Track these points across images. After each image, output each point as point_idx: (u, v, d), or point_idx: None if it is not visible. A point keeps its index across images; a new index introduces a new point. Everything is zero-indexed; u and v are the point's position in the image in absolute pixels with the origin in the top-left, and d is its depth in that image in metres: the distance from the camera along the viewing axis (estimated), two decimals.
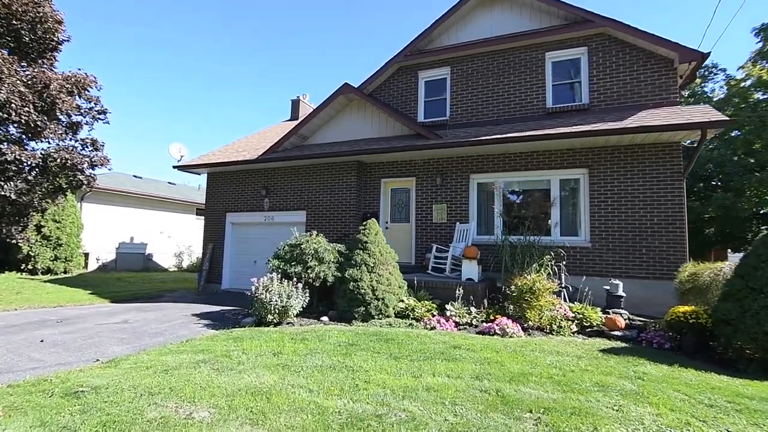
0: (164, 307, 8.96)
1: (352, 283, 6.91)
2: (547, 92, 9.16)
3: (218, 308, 8.74)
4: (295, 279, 6.97)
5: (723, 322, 5.33)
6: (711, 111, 7.41)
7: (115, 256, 17.58)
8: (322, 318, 7.01)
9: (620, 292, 7.24)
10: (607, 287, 7.52)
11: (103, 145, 10.57)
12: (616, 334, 6.44)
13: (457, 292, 7.09)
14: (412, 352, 4.94)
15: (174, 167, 11.93)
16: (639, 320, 7.12)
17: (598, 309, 7.06)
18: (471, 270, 7.69)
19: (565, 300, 7.50)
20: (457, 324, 6.64)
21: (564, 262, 7.78)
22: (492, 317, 6.85)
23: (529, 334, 6.34)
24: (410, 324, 6.62)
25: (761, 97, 16.83)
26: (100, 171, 11.04)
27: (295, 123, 15.89)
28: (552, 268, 7.57)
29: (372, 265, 7.09)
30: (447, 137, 8.99)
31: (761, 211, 18.21)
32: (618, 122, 7.68)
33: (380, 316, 6.84)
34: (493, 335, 6.18)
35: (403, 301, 7.23)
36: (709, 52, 7.54)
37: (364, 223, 7.65)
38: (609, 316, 6.72)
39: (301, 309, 6.93)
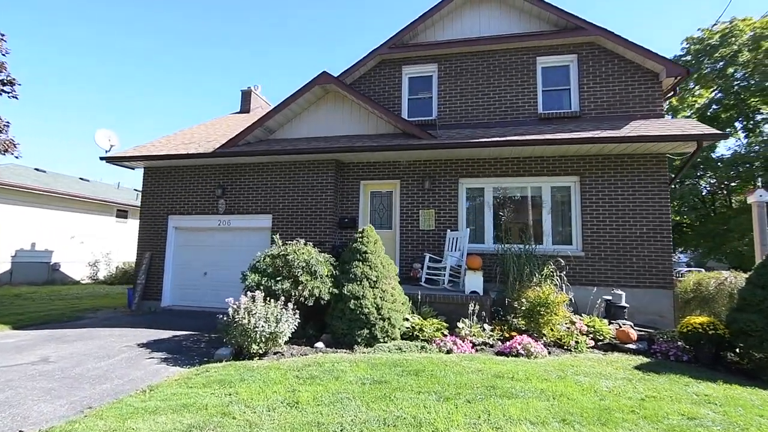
0: (93, 334, 7.04)
1: (353, 301, 5.87)
2: (538, 97, 8.96)
3: (169, 333, 7.07)
4: (283, 298, 5.73)
5: (745, 333, 5.27)
6: (701, 124, 7.70)
7: (10, 266, 14.17)
8: (316, 344, 5.86)
9: (623, 303, 7.12)
10: (609, 297, 7.38)
11: (7, 126, 8.15)
12: (630, 347, 6.21)
13: (470, 307, 6.40)
14: (458, 387, 4.10)
15: (102, 159, 9.73)
16: (640, 331, 7.04)
17: (605, 321, 6.85)
18: (475, 282, 7.07)
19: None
20: (473, 344, 5.93)
21: (564, 272, 7.50)
22: (507, 335, 6.27)
23: (550, 352, 5.84)
24: (422, 347, 5.77)
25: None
26: (3, 159, 8.53)
27: (245, 116, 14.27)
28: (558, 279, 7.24)
29: (375, 279, 6.12)
30: (440, 138, 8.33)
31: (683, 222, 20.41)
32: (615, 131, 7.64)
33: (386, 338, 5.89)
34: (516, 356, 5.58)
35: (407, 319, 6.36)
36: (695, 69, 7.82)
37: (362, 229, 6.65)
38: (620, 328, 6.50)
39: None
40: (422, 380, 4.29)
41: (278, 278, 6.00)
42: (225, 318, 5.58)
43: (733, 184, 20.66)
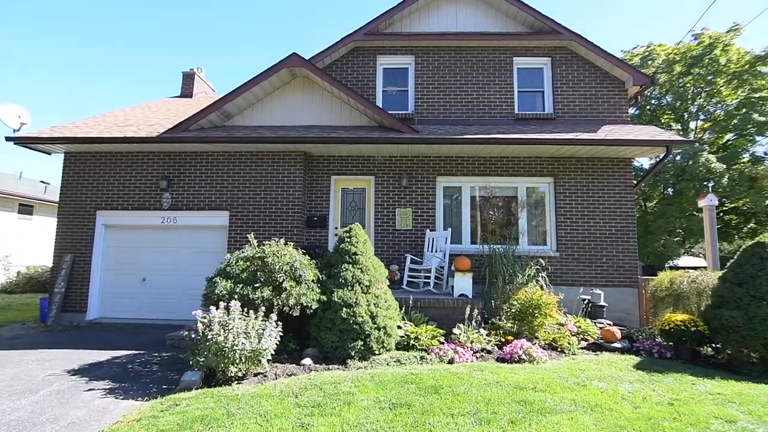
0: (3, 358, 5.49)
1: (345, 309, 5.17)
2: (515, 98, 8.94)
3: (106, 354, 5.77)
4: (263, 308, 4.86)
5: (727, 329, 5.51)
6: (666, 132, 8.17)
7: None
8: (302, 361, 5.05)
9: (602, 302, 7.26)
10: (587, 297, 7.49)
11: None
12: (615, 346, 6.28)
13: (466, 312, 6.01)
14: (489, 405, 3.65)
15: (9, 139, 7.80)
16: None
17: (589, 321, 6.91)
18: (464, 284, 6.73)
19: None
20: (473, 352, 5.56)
21: (545, 273, 7.46)
22: (503, 339, 6.00)
23: (549, 356, 5.67)
24: (421, 357, 5.26)
25: None
26: None
27: (188, 101, 12.74)
28: (541, 280, 7.16)
29: (367, 283, 5.48)
30: (422, 133, 7.91)
31: None
32: (592, 134, 7.82)
33: (381, 349, 5.29)
34: (518, 362, 5.31)
35: (400, 327, 5.81)
36: (657, 79, 8.29)
37: (349, 227, 5.97)
38: (605, 328, 6.57)
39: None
40: (447, 399, 3.78)
41: (256, 285, 5.10)
42: (190, 334, 4.60)
43: (648, 191, 23.12)
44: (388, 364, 5.04)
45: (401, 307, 6.18)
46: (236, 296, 4.95)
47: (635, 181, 8.64)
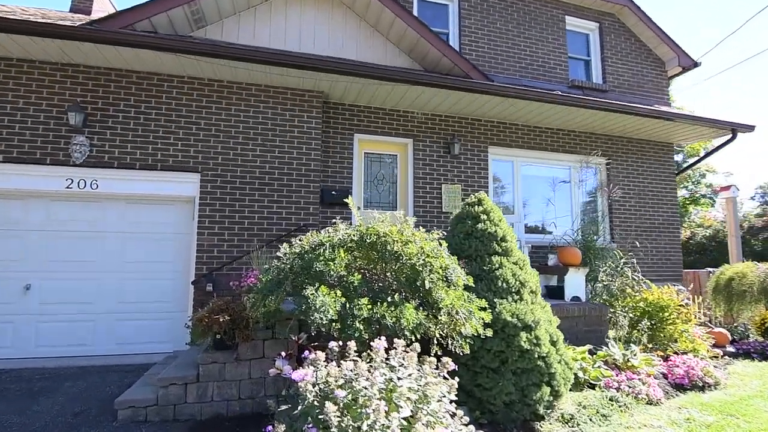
0: None
1: (524, 333, 3.01)
2: (568, 61, 7.63)
3: None
4: (417, 344, 2.40)
5: None
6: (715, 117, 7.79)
7: None
8: None
9: (685, 300, 6.39)
10: None
11: None
12: (729, 350, 5.47)
13: (621, 320, 4.35)
14: None
15: None
16: None
17: None
18: (577, 283, 5.08)
19: None
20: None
21: (638, 270, 6.22)
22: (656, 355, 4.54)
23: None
24: (613, 399, 3.42)
25: None
26: None
27: (88, 18, 8.43)
28: (636, 276, 5.93)
29: (533, 288, 3.40)
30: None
31: None
32: (656, 108, 6.95)
33: (565, 393, 3.28)
34: (702, 388, 3.92)
35: None
36: (700, 62, 7.91)
37: (476, 198, 3.74)
38: (715, 330, 5.68)
39: None
40: None
41: (389, 298, 2.58)
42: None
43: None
44: (591, 419, 3.08)
45: None
46: (359, 322, 2.39)
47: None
